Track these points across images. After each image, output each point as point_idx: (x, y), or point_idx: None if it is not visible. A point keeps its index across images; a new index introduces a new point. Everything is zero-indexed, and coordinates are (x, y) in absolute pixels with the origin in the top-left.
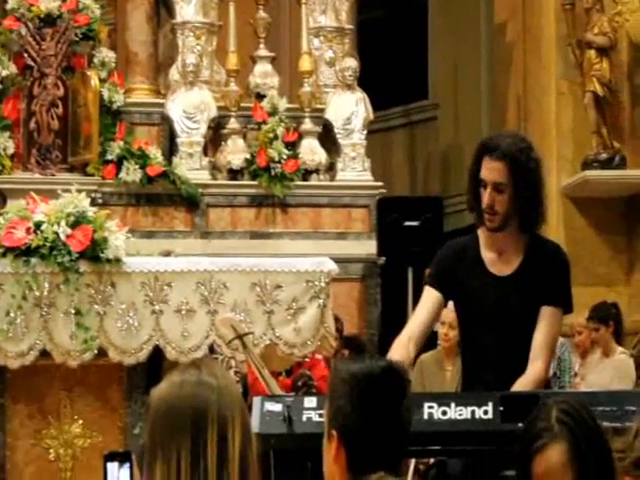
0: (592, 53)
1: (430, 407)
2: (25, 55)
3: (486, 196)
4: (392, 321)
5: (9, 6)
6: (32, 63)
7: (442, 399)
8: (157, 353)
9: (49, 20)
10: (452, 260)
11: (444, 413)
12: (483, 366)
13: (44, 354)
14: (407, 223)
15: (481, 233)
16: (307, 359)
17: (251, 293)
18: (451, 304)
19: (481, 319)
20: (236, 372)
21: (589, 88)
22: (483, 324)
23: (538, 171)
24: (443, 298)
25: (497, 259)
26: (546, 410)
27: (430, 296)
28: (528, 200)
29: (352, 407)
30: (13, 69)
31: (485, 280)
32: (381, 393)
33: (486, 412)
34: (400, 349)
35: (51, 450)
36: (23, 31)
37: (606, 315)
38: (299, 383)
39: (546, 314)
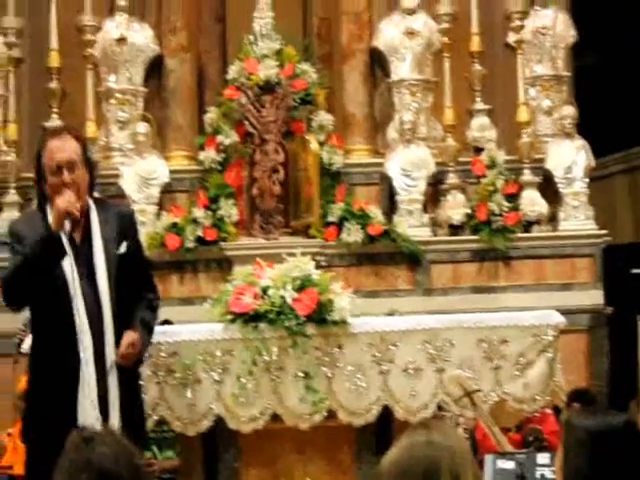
0: None
1: None
2: (246, 123)
3: None
4: (621, 373)
5: (229, 76)
6: (253, 130)
7: None
8: (385, 413)
9: (268, 87)
10: None
11: None
12: None
13: (274, 418)
14: (634, 270)
15: None
16: (537, 414)
17: (477, 349)
18: None
19: None
20: (464, 429)
21: None
22: None
23: None
24: None
25: None
26: None
27: None
28: None
29: (591, 466)
30: (235, 137)
31: None
32: (621, 451)
33: None
34: None
35: None
36: (243, 100)
37: None
38: (529, 439)
39: None
